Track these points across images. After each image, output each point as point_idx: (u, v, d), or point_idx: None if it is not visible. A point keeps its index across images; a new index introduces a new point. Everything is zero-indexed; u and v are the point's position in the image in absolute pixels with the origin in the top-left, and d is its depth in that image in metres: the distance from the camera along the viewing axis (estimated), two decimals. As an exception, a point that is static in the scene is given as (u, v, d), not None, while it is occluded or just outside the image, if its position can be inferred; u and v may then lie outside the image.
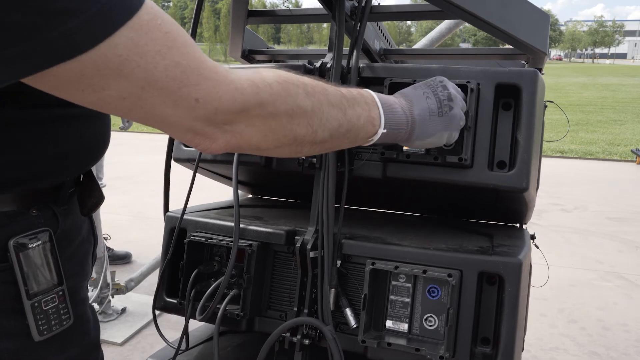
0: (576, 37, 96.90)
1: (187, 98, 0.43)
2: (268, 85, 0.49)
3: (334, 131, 0.56)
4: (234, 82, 0.46)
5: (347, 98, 0.59)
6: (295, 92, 0.51)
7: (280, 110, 0.50)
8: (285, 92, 0.50)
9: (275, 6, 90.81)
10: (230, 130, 0.47)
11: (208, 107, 0.44)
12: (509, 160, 0.76)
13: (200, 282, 0.85)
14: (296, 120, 0.51)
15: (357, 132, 0.60)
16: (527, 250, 0.78)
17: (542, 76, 0.83)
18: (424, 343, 0.72)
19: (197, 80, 0.43)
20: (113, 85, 0.40)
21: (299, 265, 0.79)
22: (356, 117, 0.59)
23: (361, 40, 0.83)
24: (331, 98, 0.56)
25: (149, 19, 0.40)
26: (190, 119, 0.44)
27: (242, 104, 0.46)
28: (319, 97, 0.54)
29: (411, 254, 0.74)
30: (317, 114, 0.54)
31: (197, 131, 0.46)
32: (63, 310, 0.62)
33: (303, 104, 0.52)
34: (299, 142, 0.54)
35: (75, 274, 0.66)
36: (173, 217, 0.90)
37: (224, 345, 0.97)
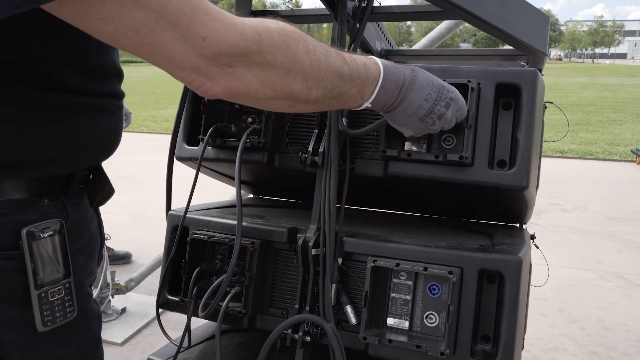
0: (576, 37, 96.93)
1: (195, 35, 0.45)
2: (269, 35, 0.51)
3: (327, 92, 0.58)
4: (238, 27, 0.48)
5: (349, 66, 0.60)
6: (295, 47, 0.53)
7: (278, 61, 0.51)
8: (284, 45, 0.52)
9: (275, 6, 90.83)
10: (232, 73, 0.49)
11: (213, 47, 0.46)
12: (509, 159, 0.76)
13: (202, 280, 0.85)
14: (292, 74, 0.53)
15: (347, 99, 0.62)
16: (527, 249, 0.79)
17: (542, 77, 0.83)
18: (424, 340, 0.72)
19: (205, 20, 0.45)
20: (130, 14, 0.42)
21: (301, 262, 0.79)
22: (349, 86, 0.61)
23: (359, 39, 0.83)
24: (332, 60, 0.57)
25: None
26: (195, 56, 0.46)
27: (244, 48, 0.48)
28: (319, 57, 0.56)
29: (412, 251, 0.74)
30: (315, 72, 0.55)
31: (201, 70, 0.48)
32: (68, 302, 0.62)
33: (302, 60, 0.53)
34: (294, 97, 0.55)
35: (82, 269, 0.66)
36: (175, 215, 0.91)
37: (225, 344, 0.97)
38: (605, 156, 7.59)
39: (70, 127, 0.60)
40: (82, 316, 0.65)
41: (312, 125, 0.85)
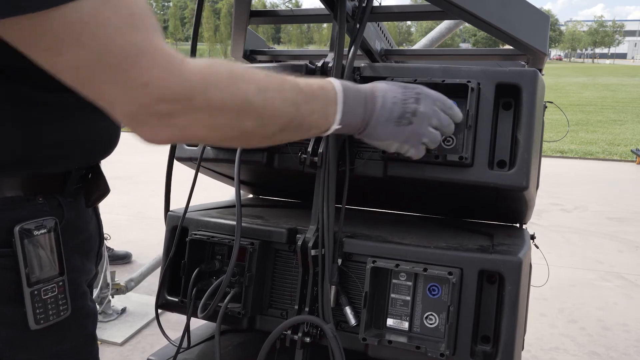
0: (576, 37, 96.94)
1: (136, 80, 0.43)
2: (217, 79, 0.49)
3: (284, 126, 0.57)
4: (183, 74, 0.46)
5: (305, 93, 0.58)
6: (246, 88, 0.51)
7: (227, 105, 0.49)
8: (234, 87, 0.50)
9: (275, 6, 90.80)
10: (174, 124, 0.47)
11: (154, 94, 0.45)
12: (509, 159, 0.76)
13: (201, 281, 0.85)
14: (244, 116, 0.51)
15: (309, 127, 0.60)
16: (527, 249, 0.79)
17: (542, 76, 0.83)
18: (424, 341, 0.72)
19: (148, 64, 0.44)
20: (70, 50, 0.41)
21: (300, 263, 0.79)
22: (309, 112, 0.59)
23: (360, 39, 0.83)
24: (286, 94, 0.56)
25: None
26: (135, 104, 0.45)
27: (188, 96, 0.46)
28: (272, 94, 0.54)
29: (412, 252, 0.74)
30: (269, 109, 0.54)
31: (141, 120, 0.46)
32: (62, 301, 0.62)
33: (253, 100, 0.52)
34: (247, 137, 0.54)
35: (77, 268, 0.66)
36: (175, 216, 0.91)
37: (225, 344, 0.97)
38: (605, 156, 7.59)
39: (69, 126, 0.60)
40: (77, 314, 0.65)
41: (312, 126, 0.85)
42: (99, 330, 2.38)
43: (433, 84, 0.78)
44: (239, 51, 1.17)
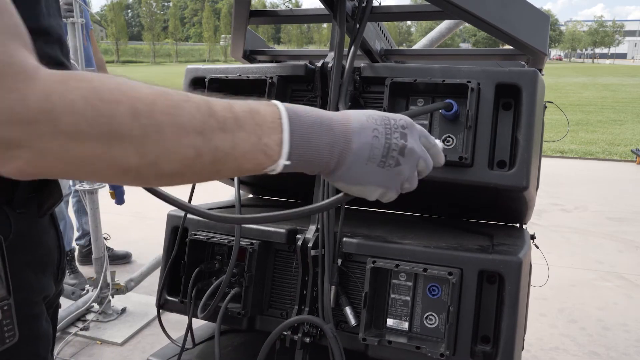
0: (576, 37, 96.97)
1: None
2: (68, 99, 0.37)
3: (189, 162, 0.42)
4: (19, 90, 0.35)
5: (221, 118, 0.44)
6: (114, 111, 0.38)
7: (84, 132, 0.37)
8: (94, 111, 0.38)
9: (275, 6, 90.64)
10: (18, 156, 0.37)
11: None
12: (509, 159, 0.76)
13: (201, 281, 0.85)
14: (116, 147, 0.39)
15: (236, 163, 0.45)
16: (527, 249, 0.79)
17: (542, 77, 0.83)
18: (424, 341, 0.72)
19: None
20: None
21: (300, 263, 0.79)
22: (231, 144, 0.44)
23: (359, 39, 0.83)
24: (184, 120, 0.42)
25: None
26: None
27: (26, 119, 0.35)
28: (158, 119, 0.40)
29: (412, 252, 0.74)
30: (152, 139, 0.40)
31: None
32: (7, 326, 0.54)
33: (126, 127, 0.39)
34: (135, 174, 0.41)
35: (29, 286, 0.58)
36: (175, 216, 0.91)
37: (225, 345, 0.97)
38: (605, 156, 7.58)
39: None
40: (28, 338, 0.57)
41: (312, 126, 0.85)
42: (99, 330, 2.36)
43: (433, 84, 0.78)
44: (238, 51, 1.17)
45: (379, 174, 0.52)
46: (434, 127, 0.79)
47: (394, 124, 0.53)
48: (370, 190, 0.54)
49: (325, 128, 0.50)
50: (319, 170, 0.51)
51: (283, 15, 1.12)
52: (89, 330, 2.17)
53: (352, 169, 0.51)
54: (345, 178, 0.52)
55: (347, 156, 0.50)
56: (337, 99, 0.77)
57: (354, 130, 0.51)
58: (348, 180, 0.52)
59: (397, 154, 0.52)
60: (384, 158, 0.52)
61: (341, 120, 0.51)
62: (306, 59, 0.95)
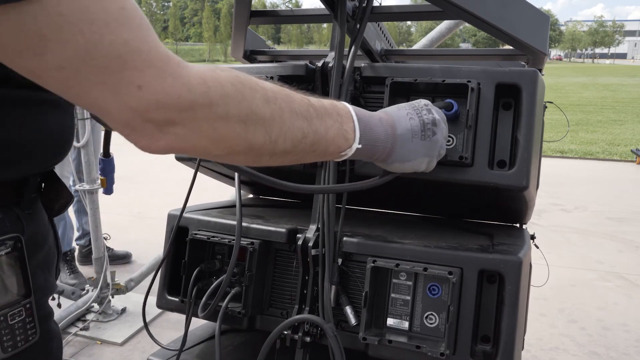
0: (576, 37, 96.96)
1: (129, 83, 0.38)
2: (220, 85, 0.43)
3: (297, 142, 0.51)
4: (182, 77, 0.41)
5: (316, 108, 0.54)
6: (252, 96, 0.46)
7: (232, 113, 0.44)
8: (239, 95, 0.45)
9: (275, 6, 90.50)
10: (173, 132, 0.42)
11: (149, 99, 0.39)
12: (509, 159, 0.76)
13: (201, 280, 0.85)
14: (251, 128, 0.46)
15: (326, 145, 0.55)
16: (527, 249, 0.79)
17: (542, 77, 0.83)
18: (424, 341, 0.72)
19: (142, 66, 0.39)
20: (53, 50, 0.36)
21: (301, 263, 0.79)
22: (324, 128, 0.54)
23: (360, 39, 0.83)
24: (295, 106, 0.51)
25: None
26: (129, 109, 0.39)
27: (188, 101, 0.41)
28: (281, 105, 0.49)
29: (412, 251, 0.74)
30: (277, 122, 0.48)
31: (135, 127, 0.41)
32: (30, 324, 0.56)
33: (260, 110, 0.47)
34: (256, 152, 0.48)
35: (41, 286, 0.60)
36: (175, 215, 0.91)
37: (225, 344, 0.97)
38: (605, 156, 7.58)
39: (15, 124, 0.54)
40: (43, 339, 0.60)
41: (312, 126, 0.85)
42: (99, 330, 2.36)
43: (433, 84, 0.78)
44: (239, 51, 1.17)
45: (424, 146, 0.64)
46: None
47: (418, 105, 0.67)
48: (419, 163, 0.65)
49: (376, 120, 0.62)
50: (379, 155, 0.62)
51: (284, 15, 1.12)
52: (89, 330, 2.18)
53: (403, 148, 0.63)
54: (399, 157, 0.63)
55: (397, 139, 0.62)
56: (337, 98, 0.77)
57: (394, 119, 0.63)
58: (402, 159, 0.64)
59: (431, 125, 0.65)
60: (423, 132, 0.64)
61: (382, 114, 0.64)
62: (306, 59, 0.95)
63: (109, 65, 0.38)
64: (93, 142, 2.20)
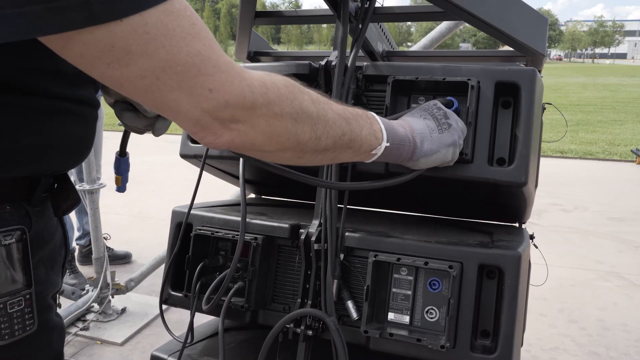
0: (576, 37, 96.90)
1: (202, 86, 0.45)
2: (276, 87, 0.51)
3: (337, 139, 0.58)
4: (246, 80, 0.48)
5: (349, 110, 0.61)
6: (301, 97, 0.53)
7: (286, 111, 0.51)
8: (291, 95, 0.52)
9: (275, 6, 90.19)
10: (236, 129, 0.48)
11: (219, 99, 0.46)
12: (508, 156, 0.77)
13: (205, 276, 0.86)
14: (300, 124, 0.53)
15: (360, 143, 0.61)
16: (527, 245, 0.80)
17: (541, 77, 0.85)
18: (425, 334, 0.73)
19: (213, 71, 0.45)
20: (137, 62, 0.42)
21: (303, 257, 0.80)
22: (359, 128, 0.61)
23: (362, 39, 0.84)
24: (335, 108, 0.58)
25: (180, 8, 0.43)
26: (200, 109, 0.46)
27: (250, 101, 0.48)
28: (324, 106, 0.56)
29: (413, 246, 0.75)
30: (322, 120, 0.55)
31: (204, 125, 0.47)
32: (28, 315, 0.58)
33: (308, 109, 0.54)
34: (302, 148, 0.55)
35: (42, 280, 0.63)
36: (179, 211, 0.92)
37: (228, 341, 0.98)
38: (605, 156, 7.59)
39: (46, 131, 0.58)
40: (43, 329, 0.62)
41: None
42: (99, 330, 2.36)
43: (434, 82, 0.80)
44: (243, 52, 1.19)
45: (444, 138, 0.70)
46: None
47: (428, 106, 0.73)
48: (444, 153, 0.71)
49: (396, 123, 0.68)
50: (406, 153, 0.68)
51: (287, 15, 1.13)
52: (89, 330, 2.18)
53: (425, 144, 0.69)
54: (424, 152, 0.69)
55: (417, 137, 0.69)
56: (339, 97, 0.78)
57: (410, 121, 0.71)
58: (427, 153, 0.70)
59: (444, 118, 0.71)
60: (439, 126, 0.70)
61: (400, 119, 0.71)
62: (309, 60, 0.96)
63: (185, 72, 0.44)
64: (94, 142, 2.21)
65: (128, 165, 0.81)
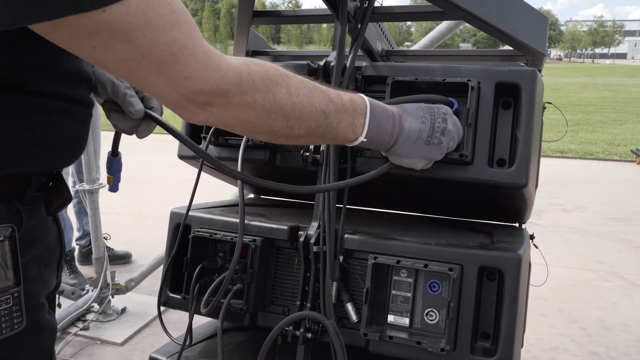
0: (576, 37, 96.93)
1: (178, 74, 0.48)
2: (250, 79, 0.54)
3: (310, 130, 0.61)
4: (221, 70, 0.51)
5: (335, 103, 0.63)
6: (277, 90, 0.56)
7: (258, 102, 0.55)
8: (266, 88, 0.55)
9: (275, 6, 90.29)
10: (210, 111, 0.53)
11: (193, 87, 0.49)
12: (508, 157, 0.77)
13: (204, 278, 0.86)
14: (273, 116, 0.56)
15: (335, 135, 0.65)
16: (527, 246, 0.80)
17: (541, 77, 0.84)
18: (425, 337, 0.73)
19: (189, 60, 0.48)
20: (120, 47, 0.45)
21: (302, 259, 0.80)
22: (337, 122, 0.63)
23: (361, 39, 0.84)
24: (315, 101, 0.60)
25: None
26: (176, 93, 0.50)
27: (223, 90, 0.51)
28: (302, 99, 0.59)
29: (413, 248, 0.75)
30: (296, 113, 0.58)
31: (181, 105, 0.51)
32: (16, 313, 0.58)
33: (282, 103, 0.57)
34: (274, 134, 0.59)
35: (33, 279, 0.63)
36: (177, 213, 0.92)
37: (227, 342, 0.98)
38: (605, 156, 7.59)
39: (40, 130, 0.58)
40: (33, 327, 0.62)
41: (313, 124, 0.86)
42: (99, 330, 2.36)
43: (434, 83, 0.79)
44: (241, 51, 1.18)
45: (425, 149, 0.70)
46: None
47: (437, 112, 0.72)
48: (415, 162, 0.71)
49: (388, 117, 0.68)
50: (379, 147, 0.70)
51: (286, 15, 1.12)
52: (89, 330, 2.18)
53: (403, 146, 0.69)
54: (398, 153, 0.70)
55: (400, 137, 0.69)
56: None
57: (406, 118, 0.70)
58: (400, 154, 0.70)
59: (440, 134, 0.70)
60: (430, 138, 0.70)
61: (399, 111, 0.70)
62: (308, 60, 0.96)
63: (163, 60, 0.47)
64: (93, 142, 2.21)
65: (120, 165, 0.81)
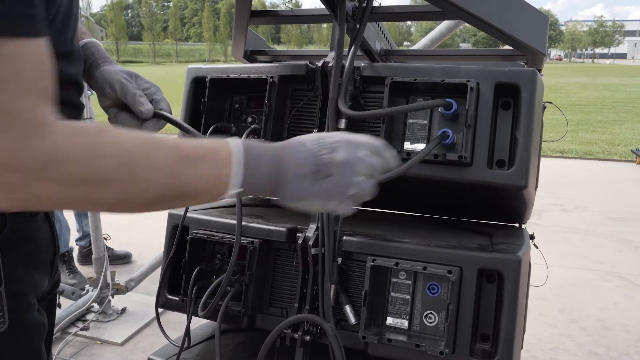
0: (576, 37, 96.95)
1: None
2: (71, 154, 0.46)
3: (159, 196, 0.53)
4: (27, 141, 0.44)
5: (188, 159, 0.54)
6: (104, 164, 0.48)
7: (80, 179, 0.47)
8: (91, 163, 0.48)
9: (275, 6, 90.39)
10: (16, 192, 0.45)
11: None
12: (508, 158, 0.76)
13: (202, 280, 0.85)
14: (102, 190, 0.49)
15: (195, 194, 0.56)
16: (527, 248, 0.79)
17: (541, 77, 0.84)
18: (424, 339, 0.72)
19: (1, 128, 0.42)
20: None
21: (300, 262, 0.79)
22: (195, 179, 0.54)
23: (360, 39, 0.83)
24: (160, 165, 0.52)
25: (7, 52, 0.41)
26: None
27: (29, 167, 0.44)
28: (141, 166, 0.51)
29: (411, 250, 0.75)
30: (134, 183, 0.51)
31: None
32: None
33: (113, 175, 0.49)
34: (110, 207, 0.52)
35: (20, 280, 0.62)
36: (176, 214, 0.91)
37: (225, 344, 0.97)
38: (605, 156, 7.58)
39: None
40: (21, 326, 0.62)
41: (312, 125, 0.86)
42: (99, 330, 2.36)
43: (433, 83, 0.79)
44: (239, 51, 1.18)
45: (313, 188, 0.59)
46: (433, 126, 0.80)
47: (324, 142, 0.60)
48: (310, 204, 0.60)
49: (266, 158, 0.58)
50: (262, 193, 0.60)
51: (284, 15, 1.12)
52: (89, 330, 2.18)
53: (287, 187, 0.58)
54: (286, 197, 0.59)
55: (281, 177, 0.58)
56: (336, 98, 0.77)
57: (287, 156, 0.59)
58: (289, 199, 0.59)
59: (325, 168, 0.59)
60: (315, 173, 0.58)
61: (280, 148, 0.60)
62: (307, 59, 0.95)
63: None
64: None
65: None
